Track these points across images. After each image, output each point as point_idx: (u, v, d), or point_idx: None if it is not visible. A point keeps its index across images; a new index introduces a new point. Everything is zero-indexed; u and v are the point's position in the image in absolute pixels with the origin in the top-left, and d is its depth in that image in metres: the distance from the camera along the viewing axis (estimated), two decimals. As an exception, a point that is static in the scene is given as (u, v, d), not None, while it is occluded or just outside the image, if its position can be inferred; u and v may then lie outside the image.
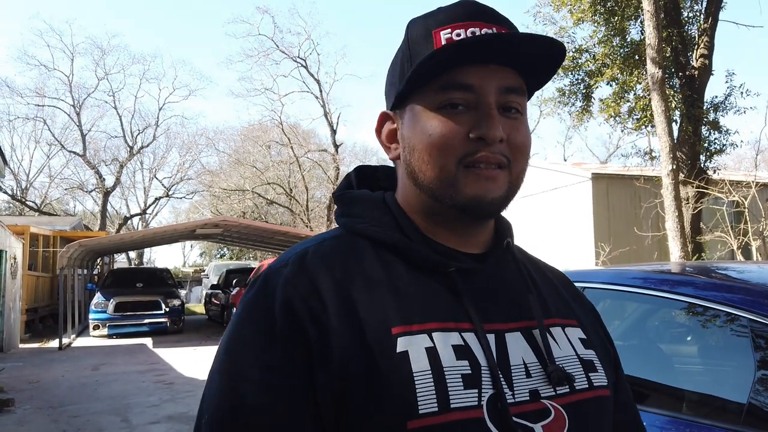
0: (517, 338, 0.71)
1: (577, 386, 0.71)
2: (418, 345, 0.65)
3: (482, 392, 0.64)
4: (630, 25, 11.35)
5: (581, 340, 0.77)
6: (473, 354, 0.66)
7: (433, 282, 0.71)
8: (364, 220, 0.76)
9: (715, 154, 10.82)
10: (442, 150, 0.70)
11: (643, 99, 10.93)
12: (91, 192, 32.51)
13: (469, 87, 0.70)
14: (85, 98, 30.82)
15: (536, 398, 0.68)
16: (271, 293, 0.68)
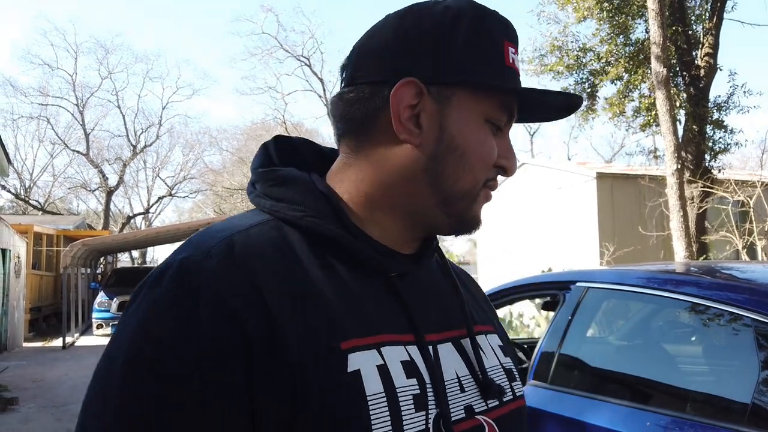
0: (449, 350, 0.66)
1: (504, 398, 0.69)
2: (369, 363, 0.57)
3: (429, 413, 0.59)
4: (635, 24, 11.32)
5: (500, 347, 0.75)
6: (419, 370, 0.60)
7: (374, 286, 0.63)
8: (299, 207, 0.63)
9: (720, 153, 10.79)
10: (483, 166, 0.66)
11: (648, 98, 10.90)
12: (94, 191, 32.63)
13: (512, 118, 0.68)
14: (88, 97, 30.93)
15: (471, 414, 0.64)
16: (194, 292, 0.54)
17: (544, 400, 2.01)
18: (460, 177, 0.65)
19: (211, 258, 0.56)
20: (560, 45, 11.89)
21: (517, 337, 5.76)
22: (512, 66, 0.66)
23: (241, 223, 0.62)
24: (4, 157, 8.54)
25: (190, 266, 0.56)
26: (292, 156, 0.72)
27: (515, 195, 16.98)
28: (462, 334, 0.69)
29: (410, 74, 0.63)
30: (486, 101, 0.65)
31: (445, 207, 0.66)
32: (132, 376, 0.52)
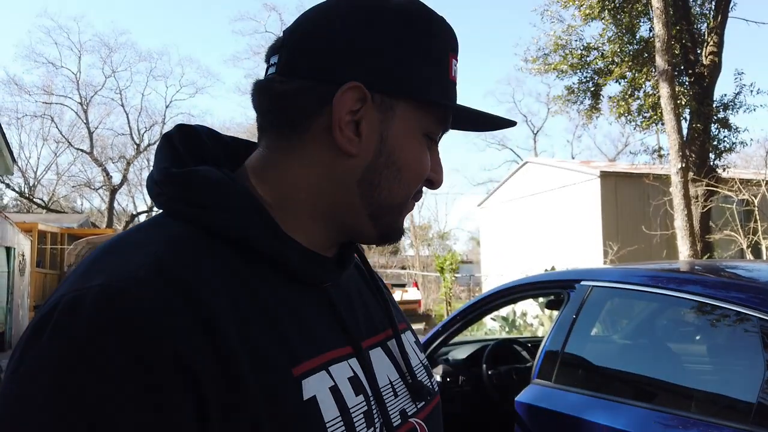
0: (379, 355, 0.65)
1: (428, 395, 0.69)
2: (322, 386, 0.54)
3: (375, 427, 0.58)
4: (639, 22, 11.30)
5: (416, 343, 0.75)
6: (363, 385, 0.58)
7: (309, 298, 0.59)
8: (225, 215, 0.56)
9: (724, 152, 10.76)
10: (417, 179, 0.64)
11: (653, 96, 10.87)
12: (98, 189, 32.72)
13: (446, 131, 0.68)
14: (92, 96, 31.00)
15: (405, 418, 0.63)
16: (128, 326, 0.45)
17: (549, 398, 2.01)
18: (394, 191, 0.62)
19: (140, 282, 0.47)
20: (564, 44, 11.86)
21: (520, 336, 5.76)
22: (453, 79, 0.64)
23: (160, 236, 0.54)
24: (9, 156, 8.57)
25: (115, 294, 0.46)
26: (198, 149, 0.63)
27: (518, 193, 16.96)
28: (388, 335, 0.68)
29: (356, 77, 0.58)
30: (427, 116, 0.63)
31: (374, 219, 0.63)
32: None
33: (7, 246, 10.66)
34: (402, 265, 24.32)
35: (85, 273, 0.50)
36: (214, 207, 0.56)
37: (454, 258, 15.39)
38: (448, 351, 3.02)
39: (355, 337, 0.60)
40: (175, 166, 0.59)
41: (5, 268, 10.66)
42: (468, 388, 2.74)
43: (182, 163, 0.60)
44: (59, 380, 0.43)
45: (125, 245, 0.53)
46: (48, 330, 0.45)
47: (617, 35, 11.27)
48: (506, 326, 8.25)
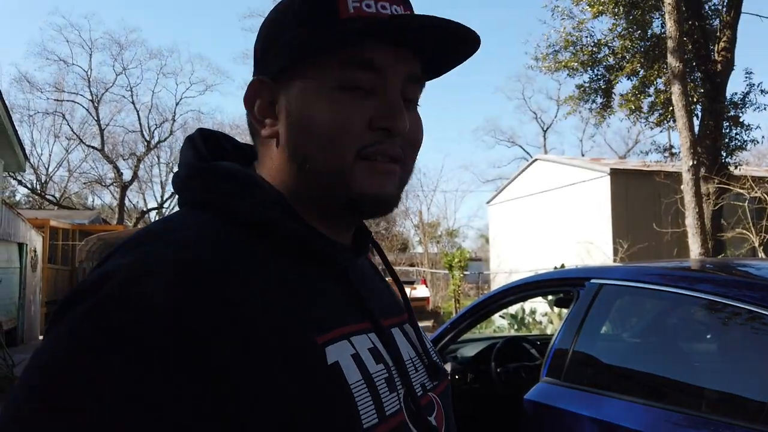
0: (398, 334, 0.70)
1: (442, 373, 0.75)
2: (344, 354, 0.57)
3: (399, 393, 0.62)
4: (651, 18, 11.20)
5: (424, 328, 0.83)
6: (383, 356, 0.62)
7: (326, 278, 0.62)
8: (248, 201, 0.60)
9: (736, 149, 10.66)
10: (342, 138, 0.60)
11: (664, 93, 10.79)
12: (109, 186, 32.93)
13: (378, 69, 0.61)
14: (103, 93, 31.17)
15: (426, 391, 0.69)
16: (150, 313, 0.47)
17: (558, 396, 2.00)
18: (315, 156, 0.61)
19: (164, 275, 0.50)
20: (574, 41, 11.79)
21: (529, 334, 5.74)
22: (355, 15, 0.60)
23: (184, 224, 0.58)
24: (21, 153, 8.64)
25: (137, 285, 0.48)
26: (218, 148, 0.70)
27: (528, 191, 16.90)
28: (403, 319, 0.74)
29: (263, 72, 0.65)
30: (324, 67, 0.61)
31: (329, 191, 0.62)
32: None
33: (20, 242, 10.77)
34: (411, 263, 24.32)
35: (113, 255, 0.55)
36: (238, 195, 0.61)
37: (463, 255, 15.36)
38: (456, 348, 3.02)
39: (373, 313, 0.64)
40: (198, 162, 0.66)
41: (17, 264, 10.77)
42: (477, 386, 2.74)
43: (204, 161, 0.66)
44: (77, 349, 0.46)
45: (151, 232, 0.57)
46: (77, 303, 0.49)
47: (627, 31, 11.18)
48: (515, 324, 8.23)
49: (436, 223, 31.41)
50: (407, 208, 33.12)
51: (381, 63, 0.61)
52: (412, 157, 0.67)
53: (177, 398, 0.45)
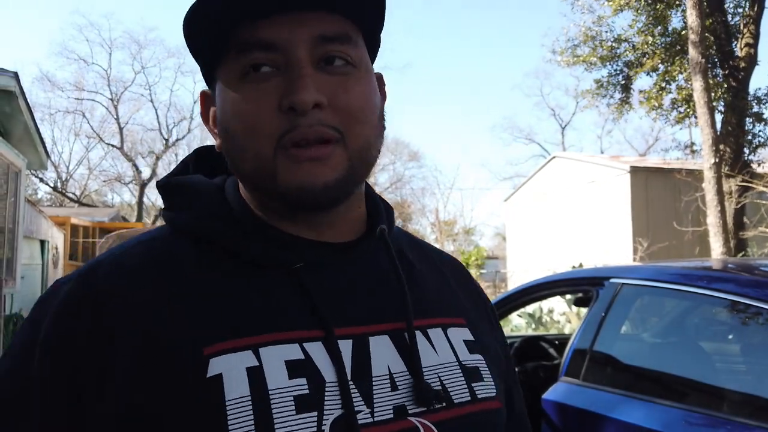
0: (383, 343, 0.58)
1: (456, 399, 0.59)
2: (237, 366, 0.51)
3: (324, 415, 0.52)
4: (671, 14, 11.05)
5: (467, 342, 0.64)
6: (316, 368, 0.54)
7: (276, 282, 0.57)
8: (185, 212, 0.60)
9: (759, 146, 10.49)
10: (253, 131, 0.55)
11: (686, 89, 10.64)
12: (128, 184, 33.38)
13: (271, 44, 0.55)
14: (122, 92, 31.58)
15: (402, 415, 0.55)
16: (39, 321, 0.54)
17: (577, 396, 1.99)
18: (240, 157, 0.57)
19: (69, 283, 0.57)
20: (594, 35, 11.67)
21: (547, 333, 5.71)
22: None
23: (129, 242, 0.61)
24: (43, 151, 8.78)
25: (50, 293, 0.57)
26: (211, 162, 0.68)
27: (546, 189, 16.78)
28: (401, 327, 0.60)
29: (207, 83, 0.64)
30: (227, 61, 0.57)
31: (262, 192, 0.59)
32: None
33: (42, 239, 10.96)
34: (427, 260, 24.30)
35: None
36: (184, 208, 0.61)
37: (480, 254, 15.33)
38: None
39: (324, 319, 0.55)
40: (165, 178, 0.66)
41: (39, 261, 10.97)
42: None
43: (176, 175, 0.66)
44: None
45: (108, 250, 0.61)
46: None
47: (647, 26, 11.04)
48: (532, 323, 8.19)
49: (452, 221, 31.34)
50: (423, 206, 33.10)
51: (273, 36, 0.55)
52: (356, 128, 0.57)
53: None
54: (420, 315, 0.62)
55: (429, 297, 0.65)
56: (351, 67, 0.57)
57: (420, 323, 0.61)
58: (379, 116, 0.61)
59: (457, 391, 0.60)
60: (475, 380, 0.62)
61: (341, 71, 0.57)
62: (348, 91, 0.56)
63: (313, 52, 0.55)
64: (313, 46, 0.55)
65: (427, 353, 0.60)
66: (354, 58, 0.58)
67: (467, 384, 0.61)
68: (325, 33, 0.56)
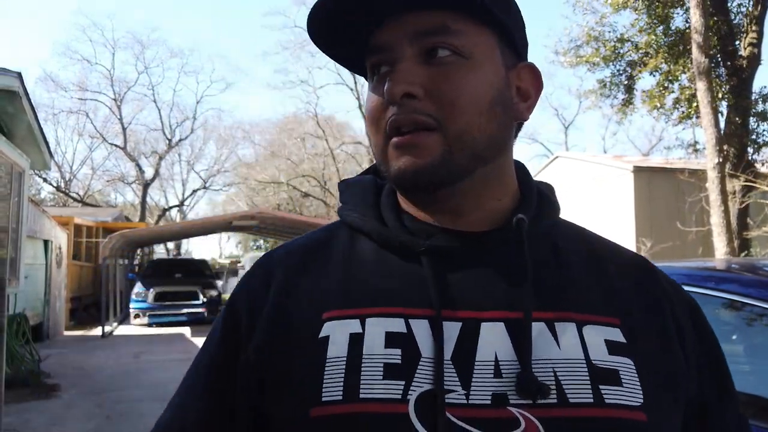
0: (496, 330, 0.58)
1: (572, 398, 0.55)
2: (342, 330, 0.58)
3: (412, 386, 0.55)
4: (674, 13, 11.01)
5: (610, 342, 0.59)
6: (414, 342, 0.57)
7: (404, 265, 0.63)
8: (348, 206, 0.71)
9: (763, 146, 10.45)
10: (372, 124, 0.64)
11: (689, 89, 10.61)
12: (131, 184, 33.42)
13: (382, 46, 0.62)
14: (125, 92, 31.64)
15: (501, 403, 0.54)
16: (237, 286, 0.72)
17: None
18: (372, 149, 0.66)
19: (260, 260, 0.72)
20: (596, 36, 11.64)
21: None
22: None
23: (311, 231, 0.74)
24: (47, 151, 8.79)
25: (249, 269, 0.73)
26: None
27: (548, 189, 16.72)
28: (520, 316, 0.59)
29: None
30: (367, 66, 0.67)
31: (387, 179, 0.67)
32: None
33: (45, 239, 10.97)
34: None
35: None
36: (345, 202, 0.72)
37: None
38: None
39: (436, 301, 0.59)
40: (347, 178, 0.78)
41: (43, 261, 10.98)
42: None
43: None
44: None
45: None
46: None
47: (650, 25, 11.01)
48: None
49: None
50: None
51: (382, 40, 0.62)
52: (457, 116, 0.59)
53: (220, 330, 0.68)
54: (549, 308, 0.60)
55: (570, 292, 0.62)
56: (457, 57, 0.60)
57: (546, 315, 0.59)
58: (492, 103, 0.62)
59: (576, 391, 0.56)
60: (607, 383, 0.57)
61: (444, 61, 0.60)
62: (448, 80, 0.59)
63: (414, 47, 0.60)
64: (413, 41, 0.60)
65: (545, 346, 0.58)
66: (460, 48, 0.60)
67: (592, 385, 0.56)
68: (424, 28, 0.60)
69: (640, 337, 0.61)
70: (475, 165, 0.62)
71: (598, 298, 0.63)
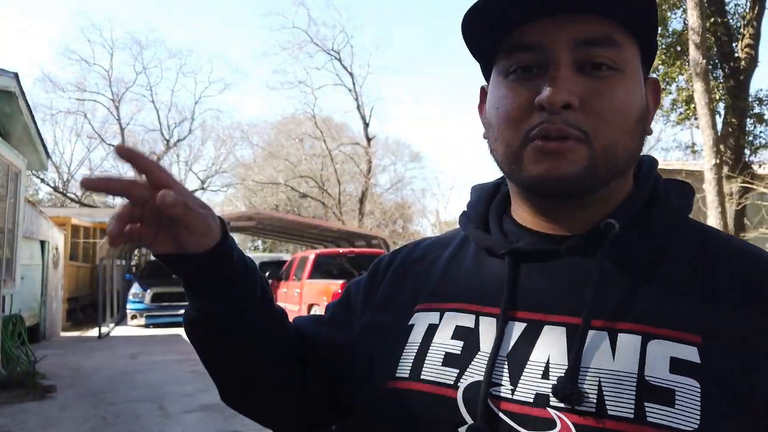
0: (555, 333, 0.59)
1: (611, 411, 0.54)
2: (425, 321, 0.68)
3: (464, 375, 0.61)
4: (672, 15, 11.03)
5: (676, 360, 0.55)
6: (477, 337, 0.63)
7: (493, 266, 0.68)
8: (465, 211, 0.80)
9: (760, 148, 10.47)
10: (509, 123, 0.62)
11: (686, 90, 10.62)
12: (129, 185, 33.25)
13: (533, 46, 0.60)
14: (123, 92, 31.60)
15: (541, 403, 0.56)
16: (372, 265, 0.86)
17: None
18: (496, 147, 0.66)
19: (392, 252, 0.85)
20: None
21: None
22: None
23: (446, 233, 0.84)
24: (44, 152, 8.77)
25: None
26: None
27: (546, 190, 16.71)
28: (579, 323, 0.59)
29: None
30: (499, 59, 0.65)
31: (511, 180, 0.69)
32: None
33: (42, 239, 10.94)
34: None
35: None
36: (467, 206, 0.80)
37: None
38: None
39: (504, 300, 0.63)
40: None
41: (40, 261, 10.95)
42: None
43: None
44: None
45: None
46: None
47: (649, 28, 11.01)
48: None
49: (453, 221, 31.29)
50: (424, 207, 33.07)
51: (536, 39, 0.60)
52: (606, 130, 0.59)
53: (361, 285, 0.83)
54: (618, 317, 0.59)
55: (649, 302, 0.59)
56: (613, 71, 0.60)
57: (611, 325, 0.58)
58: (637, 120, 0.63)
59: (616, 404, 0.54)
60: (654, 401, 0.54)
61: (601, 75, 0.60)
62: (603, 94, 0.60)
63: (574, 55, 0.60)
64: (574, 48, 0.59)
65: (600, 355, 0.57)
66: (617, 61, 0.60)
67: (636, 400, 0.54)
68: (588, 36, 0.59)
69: (727, 358, 0.56)
70: (612, 177, 0.62)
71: (685, 311, 0.59)
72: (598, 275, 0.60)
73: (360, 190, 28.06)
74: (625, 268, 0.62)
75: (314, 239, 18.86)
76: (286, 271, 12.38)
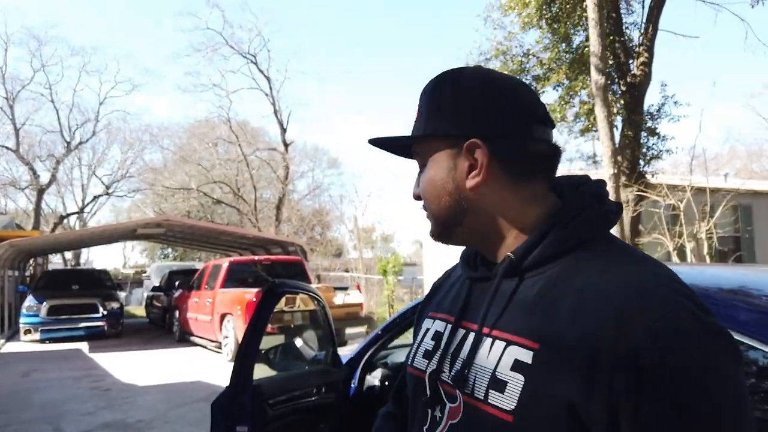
0: (470, 337, 0.87)
1: (476, 393, 0.81)
2: (425, 326, 1.02)
3: (430, 364, 0.93)
4: (574, 32, 11.68)
5: (518, 362, 0.77)
6: (441, 339, 0.94)
7: (463, 287, 0.97)
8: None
9: (653, 159, 11.26)
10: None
11: (588, 104, 11.26)
12: (24, 189, 31.01)
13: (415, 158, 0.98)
14: (19, 90, 29.43)
15: (454, 385, 0.87)
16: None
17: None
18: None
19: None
20: (505, 50, 12.12)
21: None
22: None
23: None
24: None
25: None
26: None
27: (460, 197, 17.13)
28: (483, 331, 0.85)
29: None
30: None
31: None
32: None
33: None
34: (346, 268, 24.21)
35: None
36: None
37: (398, 260, 15.41)
38: (387, 354, 2.99)
39: (456, 313, 0.93)
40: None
41: None
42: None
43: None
44: None
45: None
46: None
47: (553, 42, 11.61)
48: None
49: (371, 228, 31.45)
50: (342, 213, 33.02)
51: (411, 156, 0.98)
52: (427, 202, 0.93)
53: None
54: (498, 327, 0.83)
55: (521, 317, 0.80)
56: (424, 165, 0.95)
57: (493, 333, 0.83)
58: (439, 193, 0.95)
59: (479, 389, 0.81)
60: (496, 389, 0.79)
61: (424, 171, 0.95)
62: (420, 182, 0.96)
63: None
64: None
65: (482, 354, 0.83)
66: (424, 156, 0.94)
67: (487, 387, 0.80)
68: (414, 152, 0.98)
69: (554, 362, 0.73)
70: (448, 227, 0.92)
71: (534, 325, 0.78)
72: (490, 296, 0.86)
73: (277, 196, 27.54)
74: (509, 289, 0.85)
75: (228, 247, 18.33)
76: (198, 280, 11.93)
